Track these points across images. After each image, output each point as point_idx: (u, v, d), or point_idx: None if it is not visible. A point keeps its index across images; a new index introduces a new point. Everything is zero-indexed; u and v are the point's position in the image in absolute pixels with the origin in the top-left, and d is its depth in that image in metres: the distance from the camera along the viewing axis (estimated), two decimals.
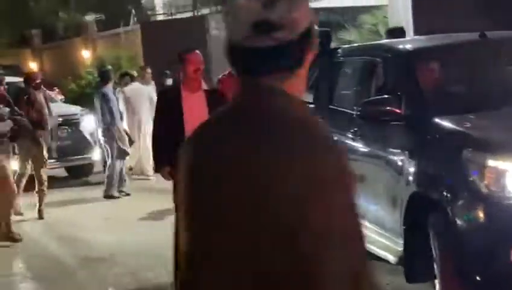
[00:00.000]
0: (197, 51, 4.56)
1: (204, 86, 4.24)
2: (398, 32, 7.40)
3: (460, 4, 8.29)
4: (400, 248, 3.88)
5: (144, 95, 8.83)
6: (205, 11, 12.67)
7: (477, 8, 7.92)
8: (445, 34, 5.40)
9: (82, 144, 8.52)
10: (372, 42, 7.52)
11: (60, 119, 7.91)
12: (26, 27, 19.62)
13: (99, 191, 7.90)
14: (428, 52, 4.95)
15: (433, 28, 7.00)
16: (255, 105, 1.01)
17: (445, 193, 3.34)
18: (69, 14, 19.53)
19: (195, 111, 3.75)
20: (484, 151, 3.28)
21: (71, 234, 6.74)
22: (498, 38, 4.76)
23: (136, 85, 9.00)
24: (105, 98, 7.64)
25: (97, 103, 7.76)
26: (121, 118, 8.17)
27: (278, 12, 0.95)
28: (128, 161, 8.69)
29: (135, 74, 9.44)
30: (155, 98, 7.46)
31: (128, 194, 7.85)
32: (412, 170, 3.82)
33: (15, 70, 12.92)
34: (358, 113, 4.37)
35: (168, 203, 5.19)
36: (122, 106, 8.62)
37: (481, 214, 3.14)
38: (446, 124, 3.85)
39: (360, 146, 4.72)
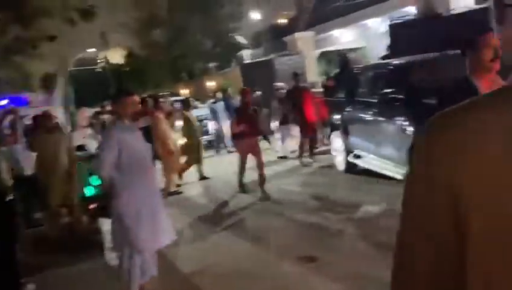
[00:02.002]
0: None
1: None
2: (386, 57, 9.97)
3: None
4: (404, 171, 5.16)
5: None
6: (272, 56, 17.40)
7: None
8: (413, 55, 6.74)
9: None
10: (376, 62, 9.70)
11: None
12: (180, 72, 28.47)
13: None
14: (411, 65, 6.44)
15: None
16: None
17: None
18: (201, 63, 29.55)
19: None
20: None
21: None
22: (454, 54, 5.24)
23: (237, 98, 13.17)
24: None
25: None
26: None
27: None
28: None
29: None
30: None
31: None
32: (410, 128, 5.36)
33: (175, 94, 19.86)
34: (378, 100, 6.15)
35: None
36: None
37: None
38: (432, 102, 4.54)
39: (379, 118, 6.24)
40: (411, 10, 15.03)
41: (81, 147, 6.34)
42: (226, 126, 13.07)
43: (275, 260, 4.41)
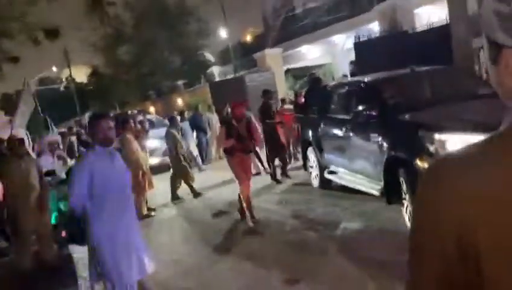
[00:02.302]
0: None
1: None
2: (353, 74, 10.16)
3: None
4: (380, 187, 5.52)
5: (213, 119, 13.89)
6: (242, 72, 18.15)
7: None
8: (382, 72, 6.87)
9: None
10: (348, 80, 9.50)
11: None
12: (147, 89, 27.93)
13: None
14: (383, 81, 6.43)
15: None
16: None
17: (410, 155, 4.81)
18: (169, 81, 28.04)
19: None
20: (432, 130, 4.60)
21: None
22: (423, 70, 6.23)
23: (208, 114, 13.98)
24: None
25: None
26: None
27: None
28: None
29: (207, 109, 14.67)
30: (216, 120, 13.45)
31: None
32: (385, 144, 5.31)
33: (143, 112, 21.12)
34: (351, 117, 6.16)
35: None
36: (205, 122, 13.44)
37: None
38: (405, 118, 5.25)
39: (353, 135, 6.24)
40: (375, 28, 15.49)
41: (50, 173, 6.09)
42: (193, 145, 12.95)
43: (261, 283, 4.33)
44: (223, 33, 23.90)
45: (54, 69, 38.69)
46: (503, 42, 0.71)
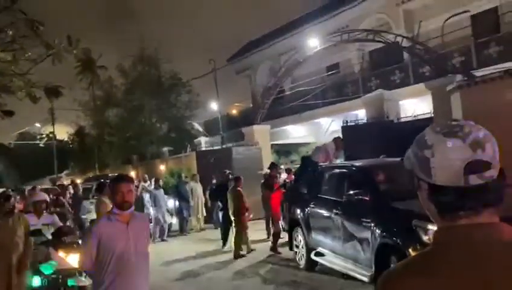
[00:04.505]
0: None
1: None
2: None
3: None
4: (371, 273, 5.53)
5: (198, 188, 13.93)
6: (230, 144, 17.94)
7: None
8: (373, 159, 7.44)
9: None
10: (341, 163, 8.80)
11: None
12: (130, 153, 27.34)
13: None
14: (377, 168, 6.65)
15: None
16: (476, 239, 0.96)
17: (403, 243, 4.97)
18: (153, 147, 27.24)
19: None
20: (425, 220, 4.58)
21: None
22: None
23: (192, 183, 14.04)
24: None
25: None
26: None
27: (488, 154, 0.97)
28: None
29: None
30: (200, 190, 13.93)
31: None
32: (378, 231, 5.42)
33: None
34: (343, 199, 6.33)
35: None
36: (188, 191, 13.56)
37: None
38: (398, 206, 5.34)
39: (343, 218, 6.35)
40: (360, 114, 16.19)
41: (35, 232, 5.85)
42: (166, 213, 12.71)
43: None
44: (213, 105, 24.45)
45: (38, 124, 38.49)
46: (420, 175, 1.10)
